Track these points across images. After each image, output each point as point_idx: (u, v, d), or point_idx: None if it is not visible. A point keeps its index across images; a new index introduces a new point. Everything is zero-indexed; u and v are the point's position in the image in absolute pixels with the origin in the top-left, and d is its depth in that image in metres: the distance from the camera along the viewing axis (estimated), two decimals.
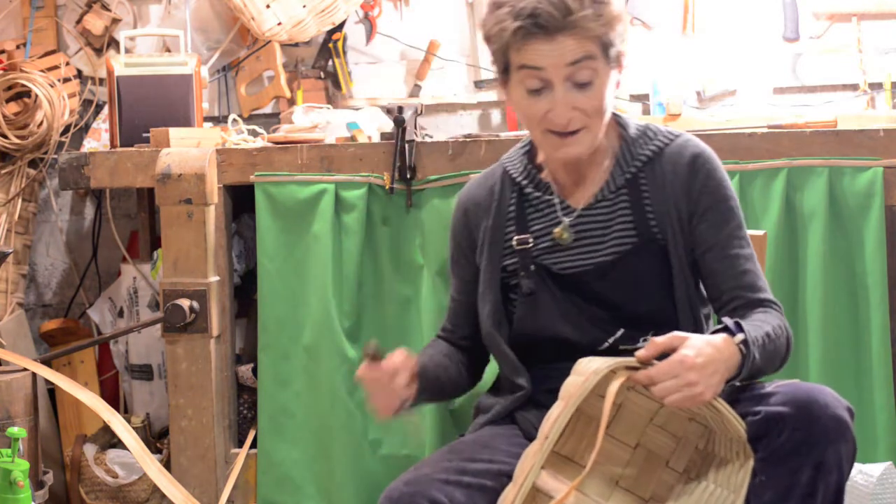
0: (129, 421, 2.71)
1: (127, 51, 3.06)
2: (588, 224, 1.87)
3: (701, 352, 1.62)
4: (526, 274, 1.87)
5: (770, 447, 1.61)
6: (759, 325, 1.75)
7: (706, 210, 1.84)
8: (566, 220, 1.87)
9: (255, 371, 2.68)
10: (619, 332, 1.83)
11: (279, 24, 2.96)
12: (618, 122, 1.91)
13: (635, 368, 1.62)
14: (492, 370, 2.05)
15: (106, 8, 3.21)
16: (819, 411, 1.60)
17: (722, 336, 1.68)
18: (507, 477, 1.67)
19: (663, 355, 1.62)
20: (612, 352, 1.80)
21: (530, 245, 1.89)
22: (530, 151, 1.96)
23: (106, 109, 3.04)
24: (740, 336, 1.68)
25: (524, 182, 1.93)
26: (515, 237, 1.90)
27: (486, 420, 1.92)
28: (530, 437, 1.67)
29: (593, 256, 1.86)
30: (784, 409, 1.61)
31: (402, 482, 1.68)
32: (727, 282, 1.83)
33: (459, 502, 1.66)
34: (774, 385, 1.68)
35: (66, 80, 3.16)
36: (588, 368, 1.62)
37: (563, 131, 1.78)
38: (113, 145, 2.83)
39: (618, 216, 1.86)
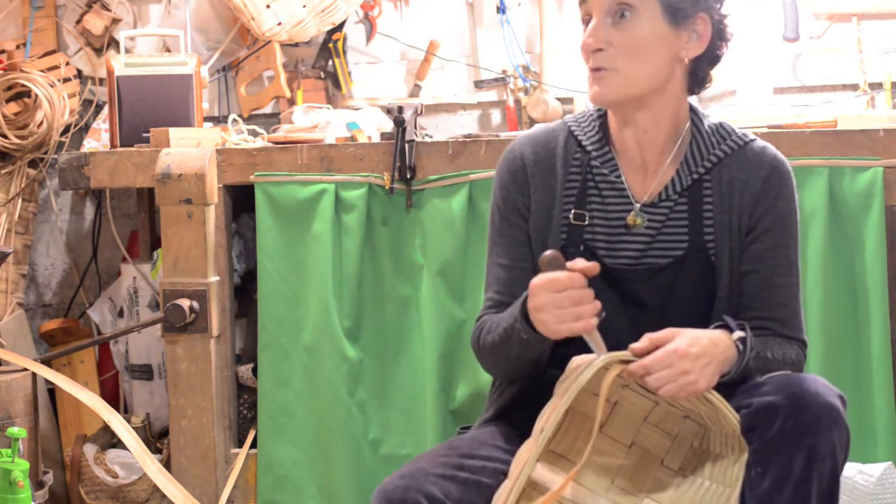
0: (129, 421, 2.71)
1: (127, 51, 3.06)
2: (646, 220, 1.81)
3: (695, 342, 1.62)
4: (574, 252, 1.77)
5: (763, 438, 1.61)
6: (773, 346, 1.75)
7: (766, 230, 1.80)
8: (637, 205, 1.80)
9: (255, 371, 2.68)
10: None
11: (279, 24, 2.96)
12: (693, 116, 1.85)
13: (629, 362, 1.62)
14: None
15: (106, 8, 3.21)
16: (810, 399, 1.59)
17: (719, 330, 1.68)
18: (504, 475, 1.66)
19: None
20: None
21: (585, 223, 1.82)
22: (605, 120, 1.87)
23: (106, 109, 3.04)
24: (739, 333, 1.68)
25: (594, 153, 1.84)
26: (574, 211, 1.82)
27: (488, 417, 1.91)
28: (528, 437, 1.67)
29: (642, 256, 1.80)
30: (775, 399, 1.60)
31: (397, 476, 1.66)
32: (763, 311, 1.80)
33: (455, 497, 1.64)
34: (765, 377, 1.69)
35: (66, 80, 3.16)
36: (581, 364, 1.62)
37: (591, 64, 1.75)
38: (113, 145, 2.83)
39: (674, 219, 1.80)
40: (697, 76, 1.83)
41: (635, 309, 1.79)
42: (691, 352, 1.60)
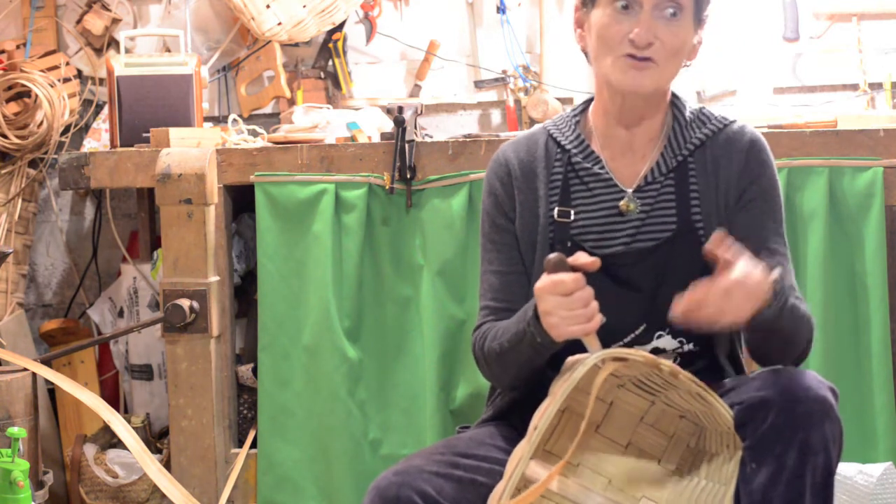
0: (129, 421, 2.71)
1: (127, 51, 3.06)
2: (639, 205, 1.84)
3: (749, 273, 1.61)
4: (561, 249, 1.80)
5: (755, 433, 1.61)
6: (792, 293, 1.74)
7: (751, 200, 1.84)
8: (629, 191, 1.84)
9: (255, 371, 2.68)
10: (641, 328, 1.80)
11: (279, 24, 2.96)
12: (674, 102, 1.90)
13: (623, 360, 1.62)
14: None
15: (106, 8, 3.21)
16: (801, 393, 1.59)
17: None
18: (500, 475, 1.66)
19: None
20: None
21: (570, 219, 1.85)
22: (581, 119, 1.92)
23: (106, 109, 3.04)
24: (777, 272, 1.67)
25: (574, 150, 1.88)
26: (557, 208, 1.85)
27: (486, 417, 1.91)
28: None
29: (633, 240, 1.82)
30: (766, 394, 1.61)
31: (391, 472, 1.66)
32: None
33: (449, 495, 1.64)
34: (756, 373, 1.69)
35: (66, 80, 3.16)
36: (576, 363, 1.62)
37: (640, 55, 1.76)
38: (113, 145, 2.83)
39: (662, 201, 1.84)
40: None
41: (628, 291, 1.80)
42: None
